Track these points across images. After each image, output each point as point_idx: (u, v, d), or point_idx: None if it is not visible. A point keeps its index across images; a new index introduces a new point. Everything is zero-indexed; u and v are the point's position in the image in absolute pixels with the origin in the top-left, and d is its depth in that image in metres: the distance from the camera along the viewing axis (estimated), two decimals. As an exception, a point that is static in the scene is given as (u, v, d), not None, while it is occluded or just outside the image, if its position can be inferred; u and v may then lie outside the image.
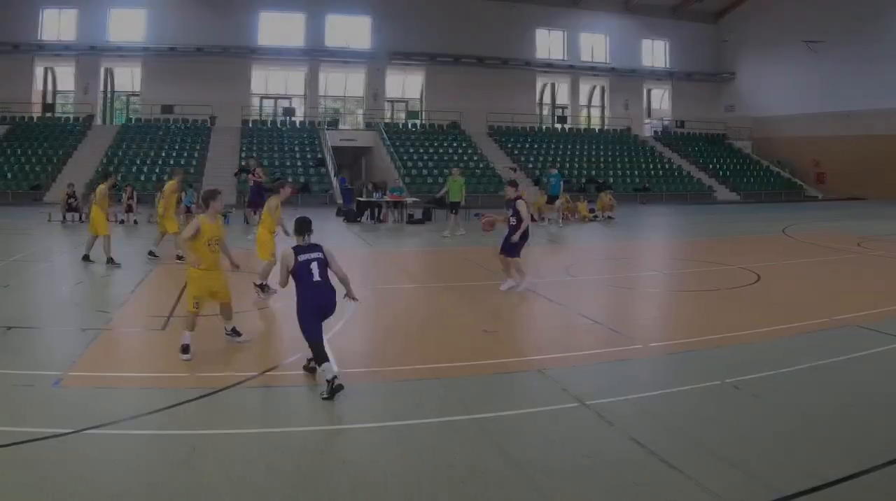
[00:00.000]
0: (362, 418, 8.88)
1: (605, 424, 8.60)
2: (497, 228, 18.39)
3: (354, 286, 10.82)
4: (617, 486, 7.02)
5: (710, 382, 10.19)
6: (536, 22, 68.90)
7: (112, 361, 11.30)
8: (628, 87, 73.11)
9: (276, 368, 10.81)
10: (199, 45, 60.08)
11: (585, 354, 11.81)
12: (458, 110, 64.35)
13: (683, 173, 62.88)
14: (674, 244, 30.66)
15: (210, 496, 6.71)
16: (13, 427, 8.07)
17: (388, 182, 44.90)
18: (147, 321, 13.62)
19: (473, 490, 6.89)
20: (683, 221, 41.34)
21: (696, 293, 17.90)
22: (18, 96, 58.32)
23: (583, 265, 22.86)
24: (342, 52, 64.86)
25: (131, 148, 53.71)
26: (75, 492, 6.66)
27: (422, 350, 12.13)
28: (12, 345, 11.60)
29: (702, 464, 7.47)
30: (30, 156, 51.28)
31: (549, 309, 15.96)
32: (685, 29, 72.82)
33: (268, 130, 61.25)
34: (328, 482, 7.06)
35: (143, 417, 8.63)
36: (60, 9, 59.89)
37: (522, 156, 60.54)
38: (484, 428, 8.39)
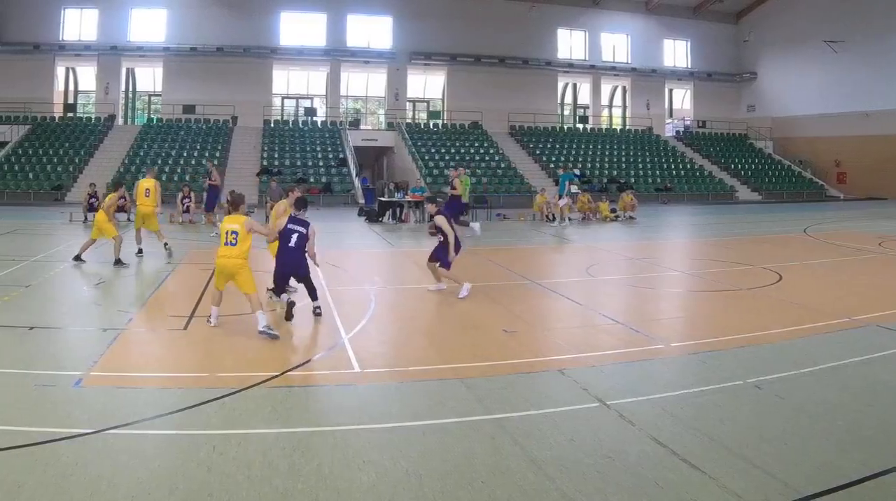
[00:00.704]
0: (383, 418, 8.84)
1: (626, 424, 8.57)
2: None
3: (377, 285, 10.93)
4: (638, 486, 6.99)
5: (731, 382, 10.16)
6: (557, 22, 69.03)
7: (133, 361, 11.31)
8: (650, 87, 73.07)
9: (297, 368, 10.77)
10: (220, 45, 60.51)
11: (606, 354, 11.76)
12: (480, 110, 64.49)
13: (705, 173, 62.78)
14: (695, 244, 30.56)
15: (231, 496, 6.68)
16: (34, 427, 8.09)
17: (410, 182, 44.89)
18: (168, 321, 13.64)
19: (494, 490, 6.87)
20: (705, 221, 41.23)
21: (718, 293, 17.83)
22: (40, 96, 58.97)
23: (604, 265, 22.79)
24: (363, 51, 65.29)
25: (153, 148, 54.05)
26: (96, 492, 6.66)
27: (443, 349, 12.08)
28: (34, 345, 11.64)
29: (723, 464, 7.44)
30: (51, 156, 51.58)
31: (570, 308, 15.92)
32: (706, 29, 72.79)
33: (289, 130, 61.49)
34: (349, 482, 7.02)
35: (163, 417, 8.63)
36: (81, 8, 60.33)
37: (544, 156, 60.60)
38: (504, 428, 8.36)
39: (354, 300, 15.94)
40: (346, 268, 20.72)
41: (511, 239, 30.63)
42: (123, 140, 55.42)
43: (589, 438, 8.15)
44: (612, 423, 8.65)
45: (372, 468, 7.31)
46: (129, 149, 53.53)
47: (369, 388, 10.02)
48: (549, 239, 30.45)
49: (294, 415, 8.94)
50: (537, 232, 33.22)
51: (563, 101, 73.54)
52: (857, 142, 63.54)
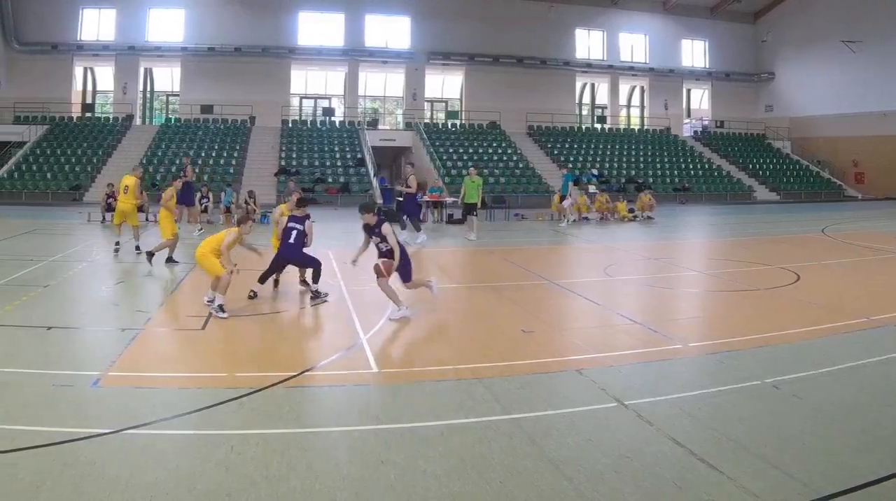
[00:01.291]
0: (401, 418, 8.85)
1: (644, 424, 8.56)
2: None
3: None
4: (656, 486, 6.98)
5: (749, 382, 10.14)
6: (576, 22, 68.97)
7: (151, 361, 11.34)
8: (668, 87, 72.93)
9: (315, 368, 10.80)
10: (238, 45, 60.66)
11: (624, 354, 11.74)
12: (498, 110, 64.39)
13: (723, 173, 62.63)
14: (713, 244, 30.47)
15: (248, 496, 6.70)
16: (52, 427, 8.12)
17: (428, 182, 44.87)
18: (186, 321, 13.67)
19: (512, 490, 6.87)
20: (723, 221, 41.11)
21: (736, 293, 17.77)
22: (58, 96, 59.02)
23: (622, 265, 22.75)
24: (381, 51, 65.31)
25: (170, 148, 54.15)
26: (114, 492, 6.68)
27: (460, 349, 12.11)
28: (52, 345, 11.68)
29: (741, 464, 7.43)
30: (69, 156, 51.73)
31: (587, 308, 15.90)
32: (724, 29, 72.62)
33: (307, 130, 61.52)
34: (367, 482, 7.03)
35: (181, 417, 8.67)
36: (99, 8, 60.53)
37: (562, 156, 60.38)
38: (522, 428, 8.36)
39: (372, 300, 15.93)
40: (363, 268, 20.73)
41: (529, 238, 30.59)
42: (141, 140, 55.56)
43: (607, 438, 8.15)
44: (629, 423, 8.64)
45: (390, 468, 7.32)
46: (146, 149, 53.62)
47: (387, 388, 10.05)
48: (567, 239, 30.43)
49: (312, 415, 8.99)
50: (555, 232, 33.20)
51: (582, 101, 73.50)
52: (874, 142, 63.41)
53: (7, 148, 52.73)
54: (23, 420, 8.28)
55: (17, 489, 6.70)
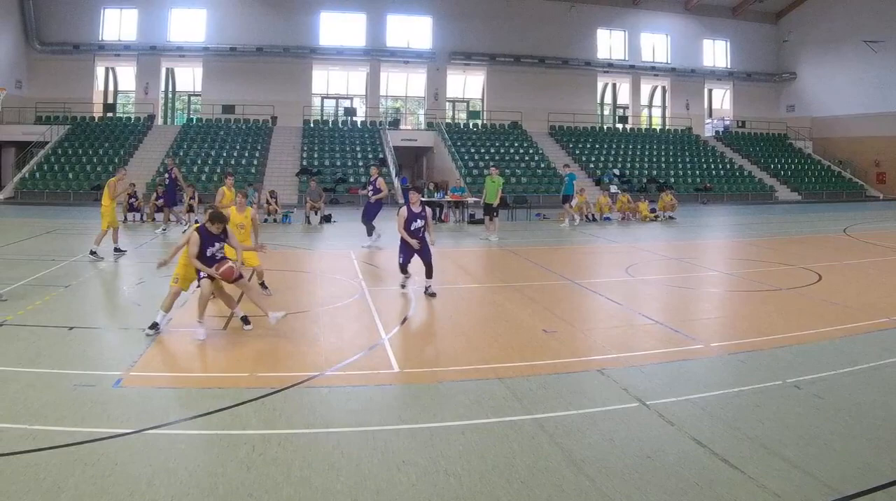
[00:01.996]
0: (422, 418, 8.86)
1: (665, 424, 8.56)
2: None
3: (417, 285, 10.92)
4: (678, 486, 6.97)
5: (771, 382, 10.13)
6: (597, 22, 68.89)
7: (172, 361, 11.44)
8: (689, 87, 72.73)
9: (336, 368, 10.80)
10: (260, 45, 60.87)
11: (646, 354, 11.74)
12: (519, 110, 64.43)
13: (745, 173, 62.44)
14: (734, 244, 30.35)
15: (270, 496, 6.73)
16: (75, 427, 8.18)
17: (450, 182, 44.87)
18: (207, 321, 13.68)
19: (534, 490, 6.88)
20: (744, 221, 40.92)
21: (757, 293, 17.70)
22: (79, 96, 59.36)
23: (643, 265, 22.69)
24: (403, 51, 65.43)
25: (192, 148, 54.38)
26: (135, 492, 6.72)
27: (482, 349, 12.06)
28: (74, 345, 11.72)
29: (762, 464, 7.43)
30: (91, 156, 51.94)
31: (609, 308, 15.87)
32: (745, 29, 72.42)
33: (329, 130, 61.57)
34: (388, 482, 7.04)
35: (203, 417, 8.71)
36: (121, 9, 60.76)
37: (584, 156, 60.37)
38: (544, 428, 8.37)
39: (394, 300, 15.95)
40: (385, 268, 20.73)
41: (550, 238, 30.57)
42: (163, 140, 55.77)
43: (628, 438, 8.15)
44: (651, 423, 8.64)
45: (411, 468, 7.33)
46: (168, 149, 53.76)
47: (408, 388, 10.07)
48: (589, 238, 30.36)
49: (333, 415, 8.96)
50: (577, 232, 33.17)
51: (603, 101, 73.35)
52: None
53: (28, 148, 52.85)
54: (45, 420, 8.33)
55: (40, 488, 6.74)
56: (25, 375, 9.79)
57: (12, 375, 9.73)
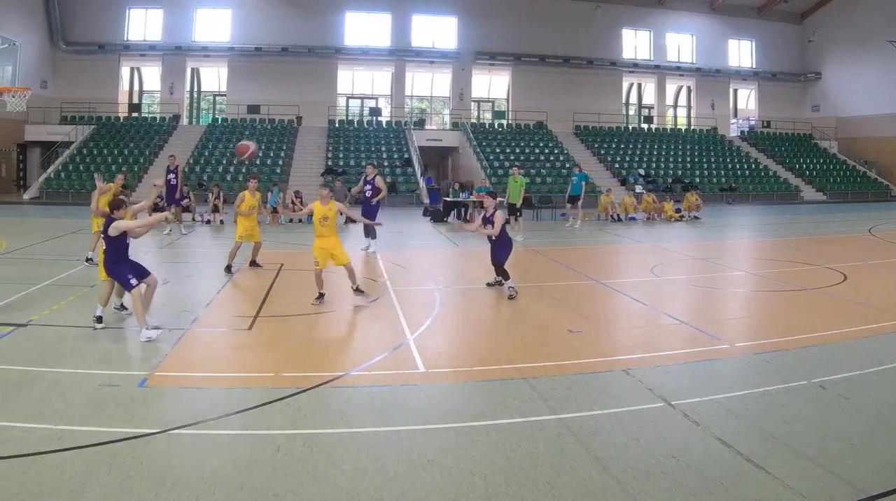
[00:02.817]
0: (448, 418, 8.90)
1: (690, 424, 8.58)
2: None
3: (442, 285, 10.92)
4: (703, 486, 6.99)
5: (796, 382, 10.15)
6: (622, 22, 68.56)
7: (198, 361, 11.46)
8: (714, 87, 72.37)
9: (362, 368, 10.85)
10: (285, 46, 60.81)
11: (671, 354, 11.76)
12: (544, 110, 64.13)
13: (770, 173, 62.05)
14: (760, 244, 30.24)
15: (296, 496, 6.78)
16: (99, 427, 8.25)
17: (475, 182, 44.85)
18: (232, 321, 13.74)
19: (559, 490, 6.90)
20: (769, 221, 40.78)
21: (782, 293, 17.67)
22: (104, 96, 59.38)
23: (668, 265, 22.64)
24: (428, 51, 65.23)
25: (217, 148, 54.29)
26: (160, 492, 6.77)
27: (507, 349, 12.10)
28: (99, 345, 11.78)
29: (787, 464, 7.44)
30: (116, 156, 51.96)
31: (634, 308, 15.87)
32: (771, 29, 72.01)
33: (354, 130, 61.47)
34: (413, 482, 7.09)
35: (228, 417, 8.76)
36: (146, 9, 60.89)
37: (609, 156, 60.16)
38: (569, 428, 8.39)
39: (419, 300, 15.98)
40: (410, 268, 20.73)
41: (576, 239, 30.53)
42: (188, 140, 55.80)
43: (654, 438, 8.16)
44: (676, 423, 8.66)
45: (436, 468, 7.36)
46: (193, 149, 53.90)
47: (434, 388, 10.09)
48: (615, 239, 30.30)
49: (359, 415, 8.98)
50: (602, 232, 33.12)
51: (628, 101, 73.12)
52: (923, 143, 62.89)
53: (54, 148, 53.05)
54: (70, 421, 8.40)
55: (65, 488, 6.81)
56: (50, 375, 9.84)
57: (38, 375, 9.78)
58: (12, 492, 6.68)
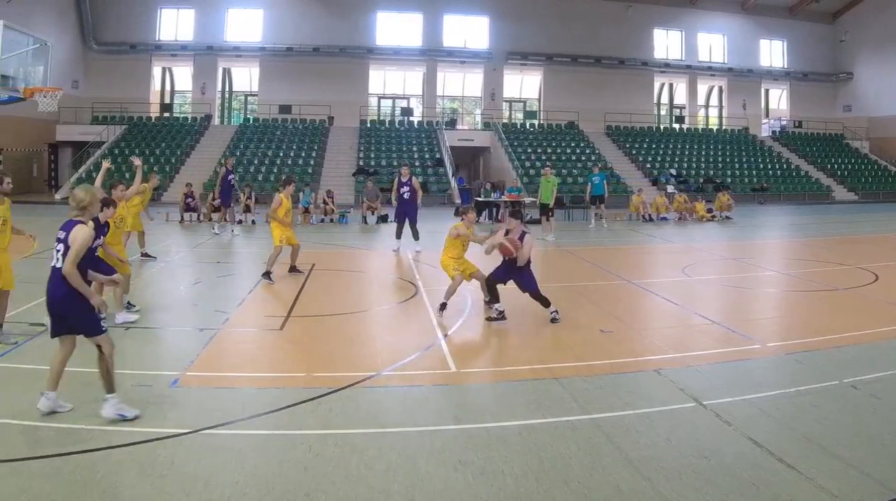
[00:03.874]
0: (479, 418, 8.89)
1: (722, 424, 8.55)
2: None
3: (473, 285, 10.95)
4: (734, 486, 6.96)
5: (827, 382, 10.10)
6: (654, 22, 68.55)
7: (229, 361, 11.53)
8: (746, 87, 72.17)
9: (394, 368, 10.87)
10: (317, 46, 61.13)
11: (703, 354, 11.76)
12: (576, 110, 64.27)
13: (801, 173, 61.83)
14: (791, 244, 30.16)
15: (327, 496, 6.79)
16: (131, 427, 8.29)
17: (506, 182, 44.84)
18: (264, 321, 13.78)
19: (591, 490, 6.89)
20: (801, 221, 40.70)
21: (814, 293, 17.64)
22: (136, 96, 60.06)
23: (700, 265, 22.59)
24: (460, 51, 65.56)
25: (249, 148, 54.74)
26: (192, 492, 6.80)
27: (539, 349, 12.12)
28: (131, 345, 11.81)
29: (819, 464, 7.41)
30: (147, 155, 52.06)
31: (666, 308, 15.86)
32: (802, 29, 71.71)
33: (385, 130, 61.88)
34: (445, 482, 7.09)
35: (259, 417, 8.79)
36: (178, 9, 61.42)
37: (640, 156, 60.16)
38: (601, 428, 8.37)
39: (451, 300, 15.98)
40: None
41: (607, 238, 30.52)
42: (220, 140, 56.24)
43: (685, 438, 8.15)
44: (708, 423, 8.64)
45: (468, 468, 7.35)
46: (225, 148, 54.17)
47: (465, 388, 10.14)
48: (646, 238, 30.28)
49: (390, 415, 9.00)
50: (634, 231, 33.11)
51: (660, 101, 72.97)
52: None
53: (85, 148, 53.42)
54: (102, 420, 8.45)
55: (97, 488, 6.84)
56: (82, 375, 9.85)
57: (69, 375, 9.79)
58: (44, 492, 6.72)
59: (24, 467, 7.26)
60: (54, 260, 8.84)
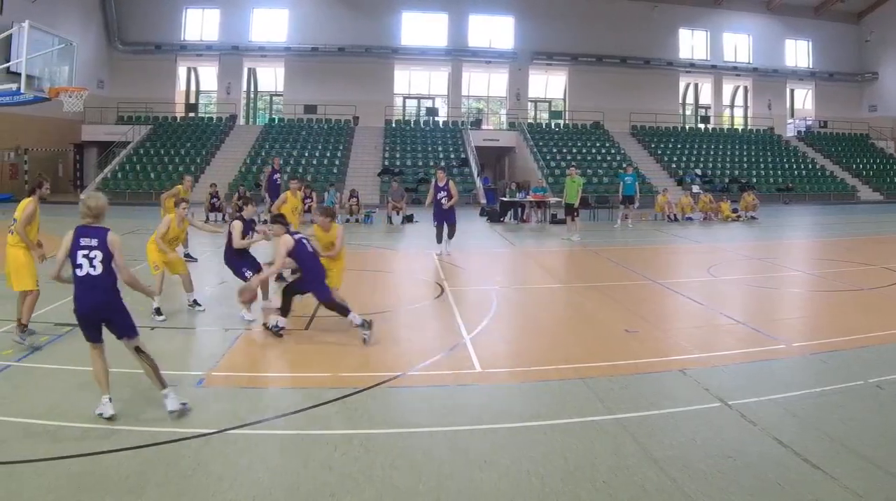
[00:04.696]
0: (505, 418, 8.91)
1: (747, 424, 8.55)
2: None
3: (499, 285, 10.91)
4: (759, 486, 6.98)
5: (853, 382, 10.10)
6: (679, 22, 68.25)
7: (254, 361, 11.67)
8: (771, 87, 71.81)
9: (419, 368, 10.91)
10: (342, 46, 61.12)
11: (727, 354, 11.75)
12: (601, 110, 63.91)
13: (826, 173, 61.45)
14: (816, 244, 30.07)
15: (352, 496, 6.82)
16: (157, 427, 8.35)
17: (531, 182, 44.80)
18: (289, 321, 13.81)
19: (616, 490, 6.91)
20: (826, 221, 40.56)
21: (839, 293, 17.59)
22: (161, 96, 60.27)
23: (725, 265, 22.54)
24: (485, 51, 65.44)
25: (274, 148, 54.64)
26: (217, 491, 6.85)
27: (564, 349, 12.11)
28: (156, 345, 11.78)
29: (845, 464, 7.42)
30: (173, 156, 52.58)
31: (691, 308, 15.88)
32: (827, 29, 71.29)
33: (411, 130, 61.82)
34: (470, 482, 7.12)
35: (284, 417, 8.83)
36: (203, 9, 61.61)
37: (665, 156, 60.00)
38: (626, 428, 8.39)
39: (476, 300, 16.00)
40: (467, 269, 20.75)
41: (633, 238, 30.46)
42: (245, 140, 56.33)
43: (710, 438, 8.16)
44: (733, 423, 8.64)
45: (493, 468, 7.39)
46: (250, 149, 54.36)
47: (491, 388, 10.12)
48: (671, 238, 30.23)
49: (416, 415, 9.06)
50: (659, 231, 33.05)
51: (685, 101, 72.76)
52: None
53: (111, 148, 53.74)
54: (128, 421, 8.53)
55: (123, 488, 6.91)
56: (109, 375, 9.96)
57: (88, 378, 9.89)
58: (70, 492, 6.79)
59: (50, 467, 7.32)
60: (88, 268, 8.91)
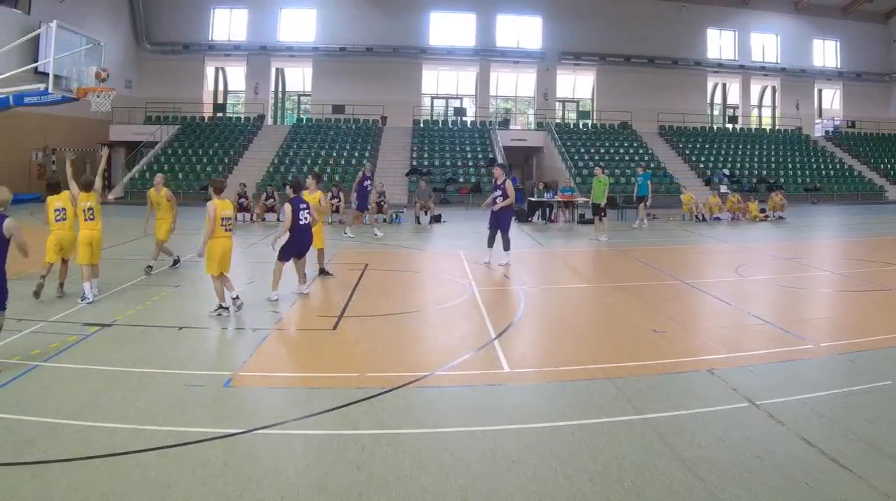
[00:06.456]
0: (533, 418, 8.90)
1: (775, 424, 8.52)
2: None
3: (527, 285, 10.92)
4: (787, 486, 6.96)
5: (880, 382, 10.06)
6: (707, 22, 68.11)
7: (282, 361, 11.67)
8: (799, 87, 71.52)
9: (447, 368, 10.90)
10: (370, 46, 61.38)
11: (756, 354, 11.69)
12: (629, 110, 64.02)
13: (854, 173, 61.18)
14: (845, 244, 29.89)
15: (380, 496, 6.81)
16: (184, 427, 8.38)
17: (559, 182, 44.74)
18: (317, 321, 13.83)
19: (643, 490, 6.90)
20: (854, 221, 40.33)
21: (867, 293, 17.52)
22: (189, 96, 60.90)
23: (753, 265, 22.46)
24: (513, 51, 65.63)
25: (302, 147, 54.97)
26: (245, 491, 6.86)
27: (592, 349, 12.11)
28: (184, 345, 11.93)
29: (872, 464, 7.39)
30: (201, 155, 52.80)
31: (719, 308, 15.82)
32: (855, 29, 70.97)
33: (439, 130, 61.90)
34: (498, 482, 7.11)
35: (312, 417, 8.83)
36: (231, 9, 61.91)
37: (693, 156, 59.85)
38: (654, 428, 8.38)
39: (504, 300, 15.99)
40: (495, 268, 20.73)
41: (660, 238, 30.37)
42: (273, 140, 56.57)
43: (738, 438, 8.13)
44: (761, 423, 8.61)
45: (521, 468, 7.38)
46: (278, 148, 54.62)
47: (519, 388, 10.11)
48: (699, 238, 30.16)
49: (443, 415, 9.06)
50: (687, 231, 32.98)
51: (713, 101, 72.51)
52: None
53: (138, 148, 54.17)
54: (155, 420, 8.56)
55: (150, 488, 6.93)
56: (135, 375, 9.97)
57: (122, 375, 9.91)
58: (98, 493, 6.81)
59: (78, 466, 7.35)
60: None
